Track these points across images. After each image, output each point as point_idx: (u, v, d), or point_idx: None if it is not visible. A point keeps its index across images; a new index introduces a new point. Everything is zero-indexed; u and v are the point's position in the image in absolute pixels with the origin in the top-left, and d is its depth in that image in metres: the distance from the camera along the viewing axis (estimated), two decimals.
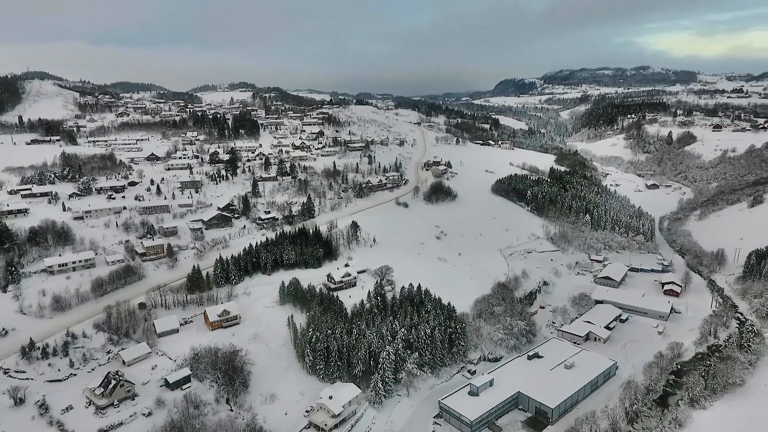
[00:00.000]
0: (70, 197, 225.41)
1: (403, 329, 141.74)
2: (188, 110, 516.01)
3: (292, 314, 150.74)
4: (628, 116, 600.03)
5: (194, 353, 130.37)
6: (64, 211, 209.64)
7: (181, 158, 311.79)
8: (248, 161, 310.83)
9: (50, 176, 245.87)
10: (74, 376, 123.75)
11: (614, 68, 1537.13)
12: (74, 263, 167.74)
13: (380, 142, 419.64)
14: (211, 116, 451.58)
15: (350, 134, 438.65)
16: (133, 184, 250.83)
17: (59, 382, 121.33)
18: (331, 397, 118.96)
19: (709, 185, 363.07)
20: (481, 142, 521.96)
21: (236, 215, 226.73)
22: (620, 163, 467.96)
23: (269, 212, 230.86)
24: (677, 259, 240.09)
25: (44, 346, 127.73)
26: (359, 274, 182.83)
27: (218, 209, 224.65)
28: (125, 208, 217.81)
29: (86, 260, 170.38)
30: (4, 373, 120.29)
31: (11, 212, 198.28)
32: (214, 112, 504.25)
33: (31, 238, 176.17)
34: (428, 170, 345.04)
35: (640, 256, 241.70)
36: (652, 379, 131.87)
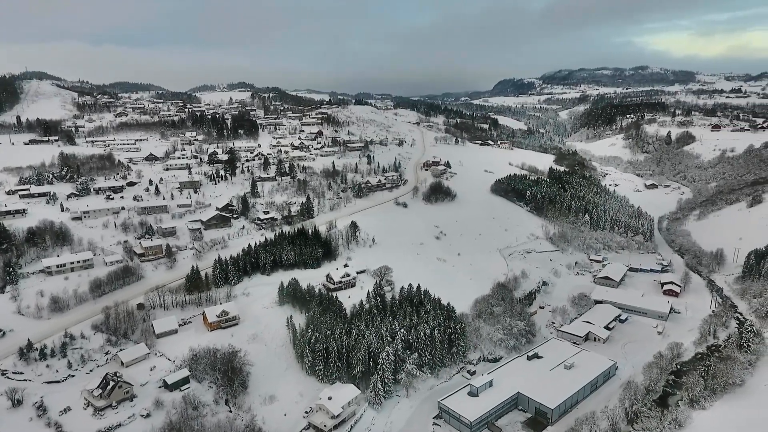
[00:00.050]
0: (68, 197, 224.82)
1: (402, 330, 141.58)
2: (187, 110, 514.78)
3: (291, 315, 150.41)
4: (627, 116, 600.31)
5: (193, 354, 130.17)
6: (62, 211, 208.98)
7: (179, 158, 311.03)
8: (247, 161, 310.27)
9: (48, 176, 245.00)
10: (72, 377, 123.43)
11: (613, 68, 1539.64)
12: (72, 264, 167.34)
13: (379, 142, 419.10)
14: (210, 116, 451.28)
15: (349, 134, 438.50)
16: (131, 184, 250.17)
17: (57, 383, 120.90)
18: (330, 397, 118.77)
19: (708, 185, 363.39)
20: (480, 142, 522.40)
21: (235, 215, 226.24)
22: (619, 163, 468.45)
23: (268, 212, 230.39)
24: (676, 259, 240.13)
25: (42, 347, 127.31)
26: (358, 274, 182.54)
27: (217, 209, 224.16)
28: (124, 208, 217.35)
29: (84, 261, 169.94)
30: (2, 374, 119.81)
31: (9, 212, 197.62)
32: (213, 112, 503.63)
33: (29, 238, 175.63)
34: (427, 170, 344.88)
35: (639, 256, 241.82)
36: (651, 379, 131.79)
